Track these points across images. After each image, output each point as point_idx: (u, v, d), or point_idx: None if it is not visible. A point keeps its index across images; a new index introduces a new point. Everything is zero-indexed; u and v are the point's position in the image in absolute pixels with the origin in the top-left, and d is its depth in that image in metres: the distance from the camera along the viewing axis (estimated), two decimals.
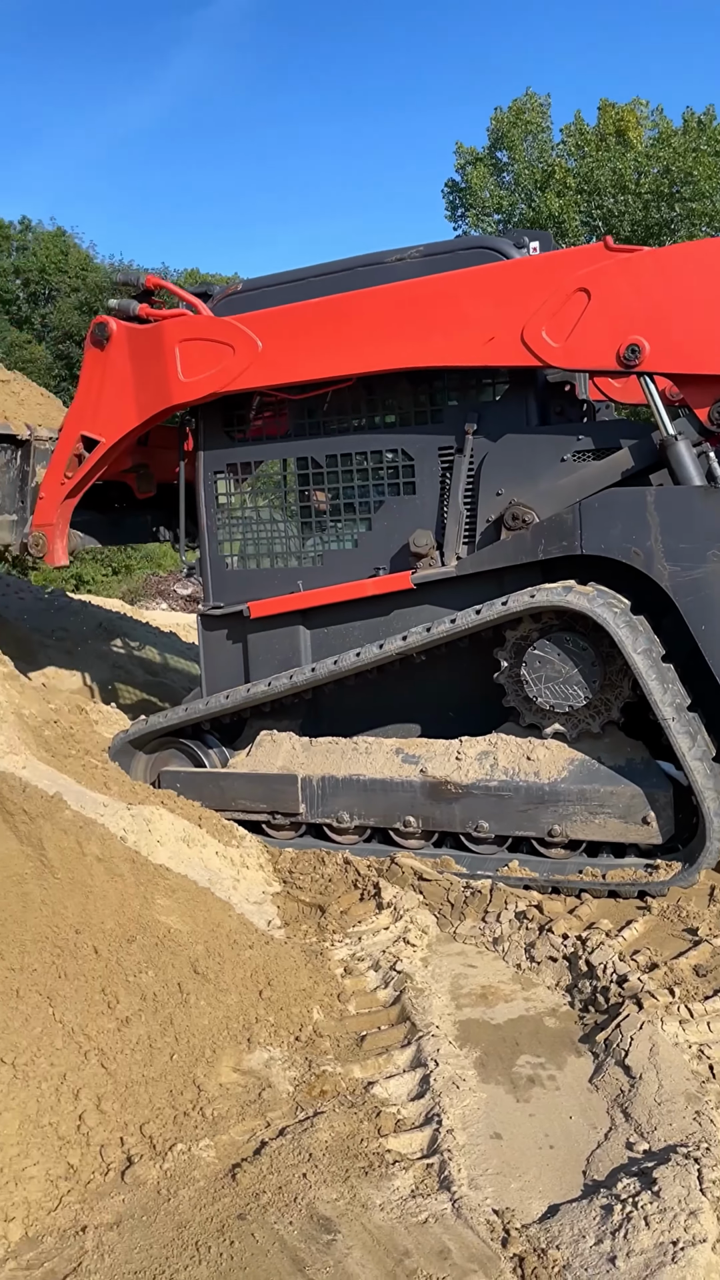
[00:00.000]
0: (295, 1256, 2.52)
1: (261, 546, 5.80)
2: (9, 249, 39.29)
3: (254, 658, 5.68)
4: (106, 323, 5.62)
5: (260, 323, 5.28)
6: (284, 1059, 3.39)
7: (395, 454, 5.36)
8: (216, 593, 5.83)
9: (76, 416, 5.78)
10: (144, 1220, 2.66)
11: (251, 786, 5.43)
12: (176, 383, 5.44)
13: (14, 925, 3.34)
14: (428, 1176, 2.80)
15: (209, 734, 5.89)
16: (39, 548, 5.96)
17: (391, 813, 5.09)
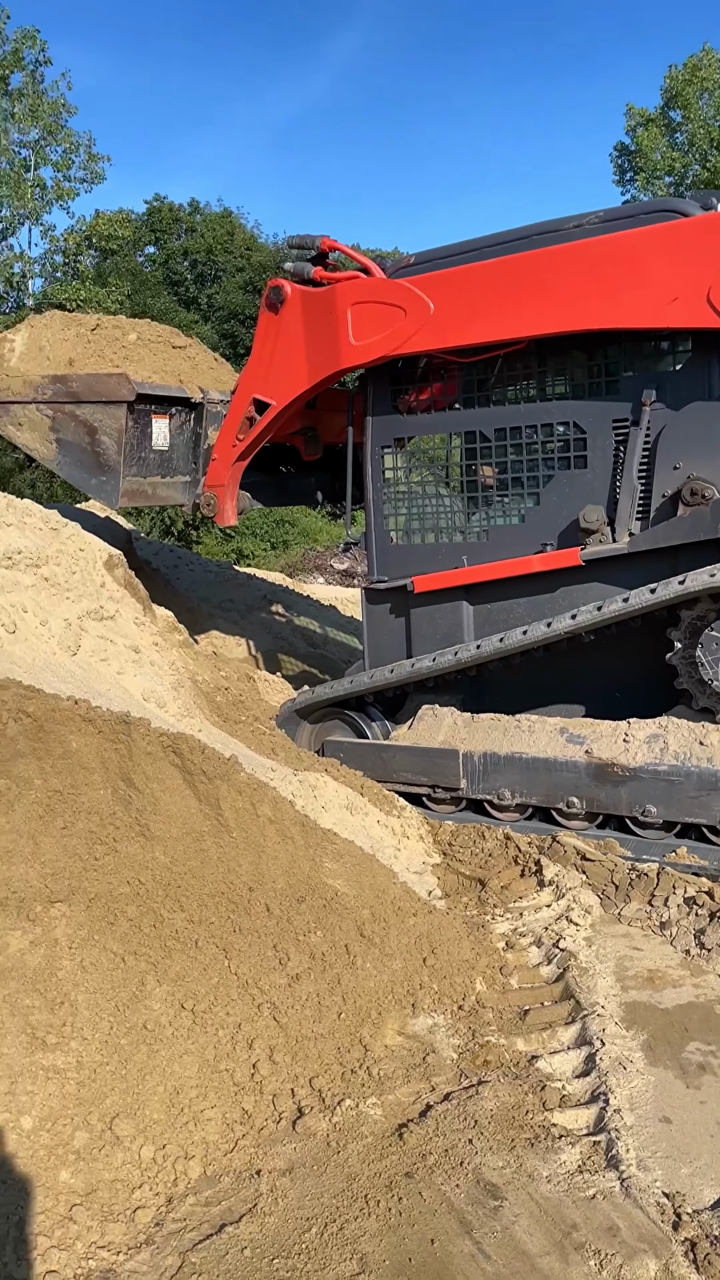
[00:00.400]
0: (462, 1218, 2.55)
1: (426, 521, 5.80)
2: (178, 231, 40.38)
3: (416, 632, 5.70)
4: (281, 286, 5.68)
5: (432, 284, 5.24)
6: (447, 1026, 3.43)
7: (566, 426, 5.25)
8: (381, 567, 5.86)
9: (249, 380, 5.88)
10: (315, 1169, 2.74)
11: (413, 760, 5.47)
12: (347, 346, 5.46)
13: (193, 880, 3.48)
14: (594, 1153, 2.78)
15: (372, 706, 5.96)
16: (210, 507, 6.12)
17: (554, 792, 5.04)
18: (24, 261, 23.57)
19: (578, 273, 4.86)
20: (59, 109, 22.77)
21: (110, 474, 5.75)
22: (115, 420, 5.74)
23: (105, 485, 5.77)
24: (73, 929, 3.03)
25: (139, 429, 5.87)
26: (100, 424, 5.78)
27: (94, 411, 5.79)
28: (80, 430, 5.83)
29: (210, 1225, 2.54)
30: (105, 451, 5.77)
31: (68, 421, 5.85)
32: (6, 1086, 2.67)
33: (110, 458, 5.75)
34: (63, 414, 5.88)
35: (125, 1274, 2.40)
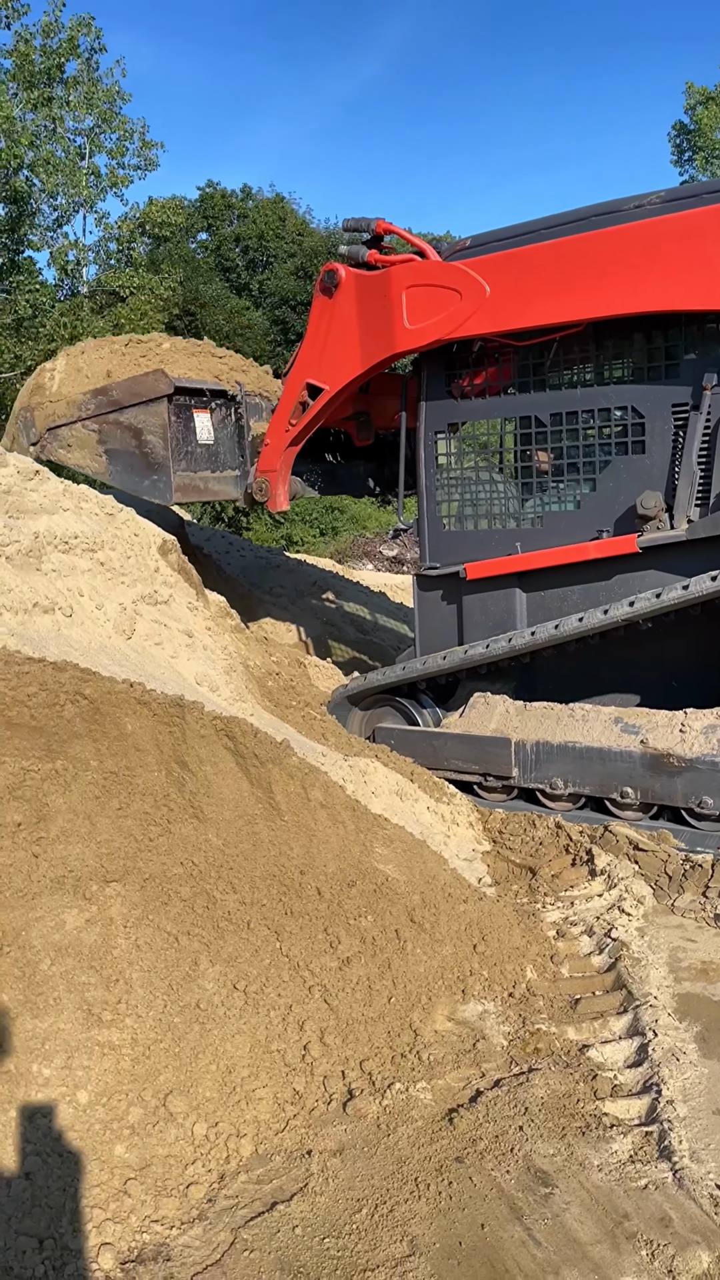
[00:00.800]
0: (513, 1204, 2.55)
1: (480, 507, 5.74)
2: (230, 217, 40.46)
3: (468, 619, 5.67)
4: (336, 269, 5.65)
5: (488, 267, 5.18)
6: (498, 1013, 3.43)
7: (625, 411, 5.17)
8: (433, 553, 5.83)
9: (302, 364, 5.86)
10: (365, 1151, 2.76)
11: (464, 747, 5.44)
12: (401, 329, 5.42)
13: (245, 862, 3.51)
14: (646, 1144, 2.76)
15: (423, 693, 5.94)
16: (263, 492, 6.13)
17: (608, 782, 4.99)
18: (78, 249, 23.75)
19: (638, 254, 4.78)
20: (113, 96, 22.88)
21: (161, 471, 5.82)
22: (158, 417, 5.81)
23: (158, 484, 5.84)
24: (127, 908, 3.07)
25: (182, 423, 5.92)
26: (144, 424, 5.87)
27: (137, 414, 5.88)
28: (126, 436, 5.91)
29: (262, 1203, 2.57)
30: (153, 450, 5.85)
31: (113, 430, 5.93)
32: (63, 1061, 2.71)
33: (158, 455, 5.83)
34: (108, 424, 5.97)
35: (179, 1248, 2.44)
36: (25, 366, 21.12)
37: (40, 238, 23.11)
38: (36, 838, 3.13)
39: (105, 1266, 2.37)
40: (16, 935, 2.90)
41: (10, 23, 21.08)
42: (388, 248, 5.80)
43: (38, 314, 21.34)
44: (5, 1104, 2.60)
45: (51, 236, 23.46)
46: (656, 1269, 2.34)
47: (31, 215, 22.29)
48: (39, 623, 4.09)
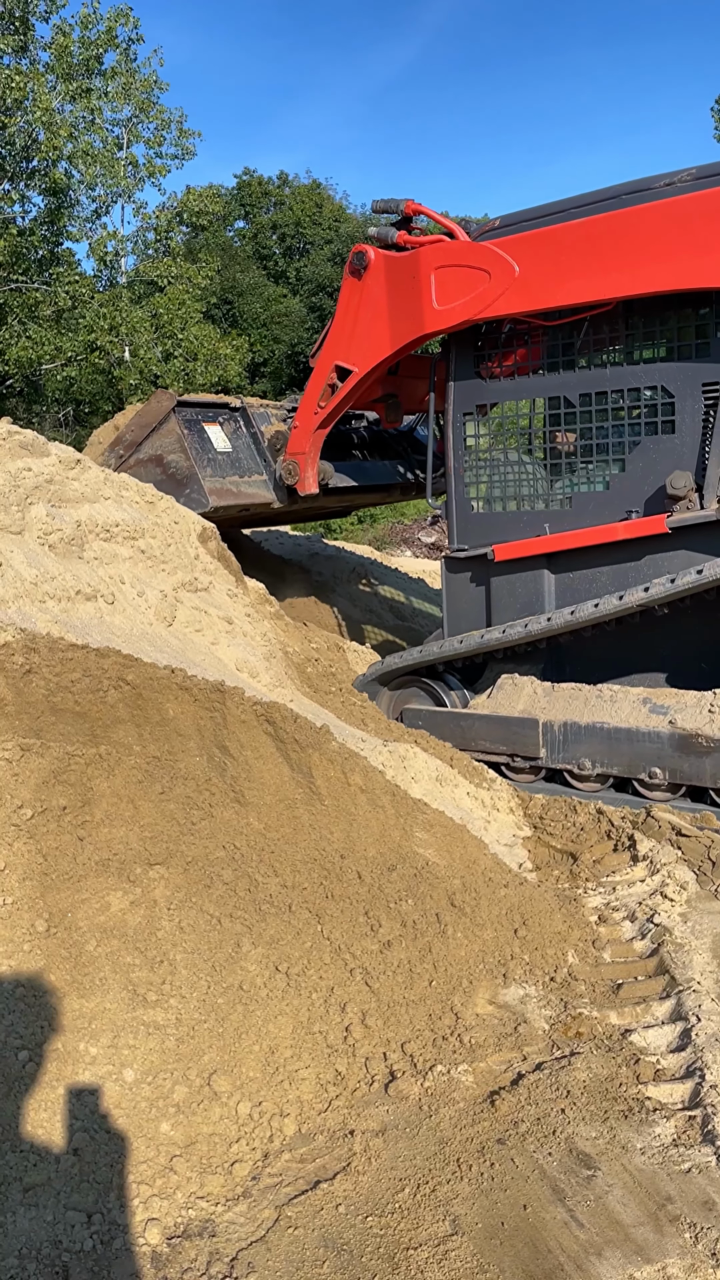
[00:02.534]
0: (555, 1186, 2.56)
1: (508, 489, 5.72)
2: (267, 205, 40.45)
3: (496, 601, 5.67)
4: (365, 251, 5.64)
5: (517, 247, 5.16)
6: (539, 997, 3.43)
7: (655, 391, 5.12)
8: (461, 535, 5.82)
9: (331, 346, 5.88)
10: (407, 1132, 2.78)
11: (492, 728, 5.45)
12: (430, 310, 5.41)
13: (286, 846, 3.54)
14: (690, 1128, 2.75)
15: (450, 674, 5.94)
16: (291, 475, 6.16)
17: (636, 763, 4.97)
18: (117, 240, 23.88)
19: (669, 231, 4.72)
20: (151, 86, 22.95)
21: (191, 482, 5.94)
22: (172, 435, 5.97)
23: (192, 494, 5.94)
24: (171, 890, 3.11)
25: (195, 435, 6.05)
26: (163, 448, 6.03)
27: (153, 442, 6.05)
28: (151, 468, 6.05)
29: (305, 1181, 2.60)
30: (178, 467, 5.98)
31: (138, 472, 6.06)
32: (109, 1040, 2.76)
33: (184, 469, 5.96)
34: (131, 469, 6.10)
35: (223, 1224, 2.47)
36: (65, 358, 21.34)
37: (79, 229, 23.27)
38: (81, 821, 3.18)
39: (152, 1241, 2.41)
40: (63, 917, 2.95)
41: (49, 15, 21.21)
42: (417, 229, 5.79)
43: (77, 305, 21.52)
44: (54, 1082, 2.65)
45: (90, 227, 23.62)
46: (700, 1251, 2.34)
47: (70, 207, 22.45)
48: (82, 610, 4.14)
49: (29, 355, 20.90)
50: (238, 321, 33.11)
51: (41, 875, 3.00)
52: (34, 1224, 2.38)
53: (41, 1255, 2.33)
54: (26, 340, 20.93)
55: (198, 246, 28.77)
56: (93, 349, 21.73)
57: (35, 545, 4.29)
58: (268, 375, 34.31)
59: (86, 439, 7.24)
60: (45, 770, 3.21)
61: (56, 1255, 2.34)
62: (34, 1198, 2.42)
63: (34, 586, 4.03)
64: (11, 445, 4.61)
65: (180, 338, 22.63)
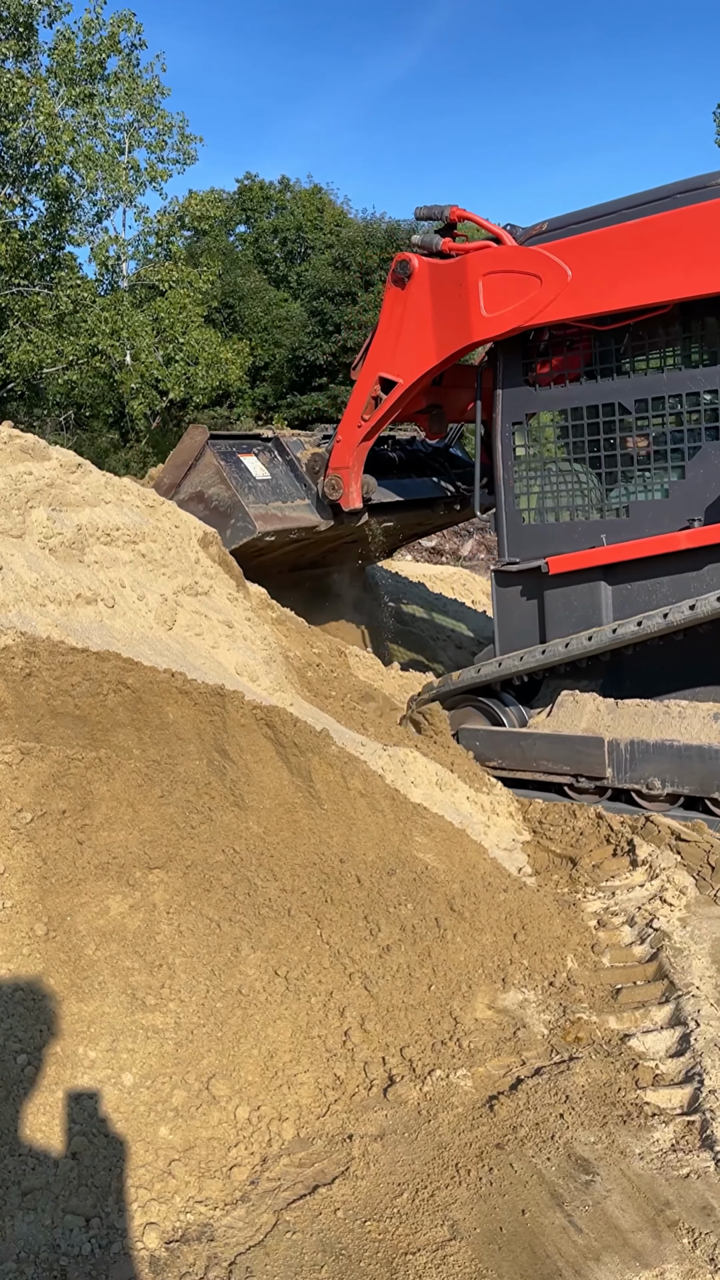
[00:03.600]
0: (554, 1191, 2.56)
1: (561, 499, 5.54)
2: (268, 209, 40.51)
3: (551, 615, 5.47)
4: (409, 259, 5.50)
5: (569, 250, 5.02)
6: (538, 1002, 3.43)
7: (715, 395, 4.98)
8: (512, 548, 5.62)
9: (374, 358, 5.73)
10: (406, 1136, 2.78)
11: (554, 748, 5.24)
12: (478, 318, 5.27)
13: (285, 850, 3.54)
14: (689, 1133, 2.75)
15: (505, 692, 5.73)
16: (335, 490, 6.05)
17: (710, 781, 4.81)
18: (118, 244, 23.92)
19: None
20: (153, 91, 23.00)
21: (235, 511, 5.86)
22: (210, 468, 5.91)
23: (238, 524, 5.86)
24: (170, 894, 3.11)
25: (232, 465, 5.99)
26: (202, 483, 5.96)
27: (192, 480, 5.98)
28: (194, 505, 5.95)
29: (304, 1185, 2.60)
30: (220, 499, 5.90)
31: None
32: (108, 1044, 2.76)
33: (227, 499, 5.88)
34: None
35: (222, 1229, 2.47)
36: (66, 361, 21.37)
37: (80, 233, 23.30)
38: (81, 825, 3.18)
39: (150, 1245, 2.41)
40: (62, 920, 2.95)
41: (52, 21, 21.25)
42: (461, 235, 5.64)
43: (78, 309, 21.54)
44: (53, 1085, 2.65)
45: (91, 232, 23.65)
46: (698, 1257, 2.34)
47: (72, 211, 22.48)
48: (82, 613, 4.14)
49: (30, 359, 20.92)
50: (239, 326, 33.15)
51: (41, 879, 3.00)
52: (32, 1228, 2.38)
53: (40, 1259, 2.33)
54: (28, 344, 20.95)
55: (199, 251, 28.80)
56: (94, 353, 21.76)
57: (36, 549, 4.30)
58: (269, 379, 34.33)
59: (88, 443, 7.25)
60: (45, 774, 3.21)
61: (55, 1259, 2.33)
62: (32, 1201, 2.42)
63: (34, 590, 4.03)
64: (12, 449, 4.62)
65: (181, 342, 22.66)
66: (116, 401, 24.53)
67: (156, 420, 26.18)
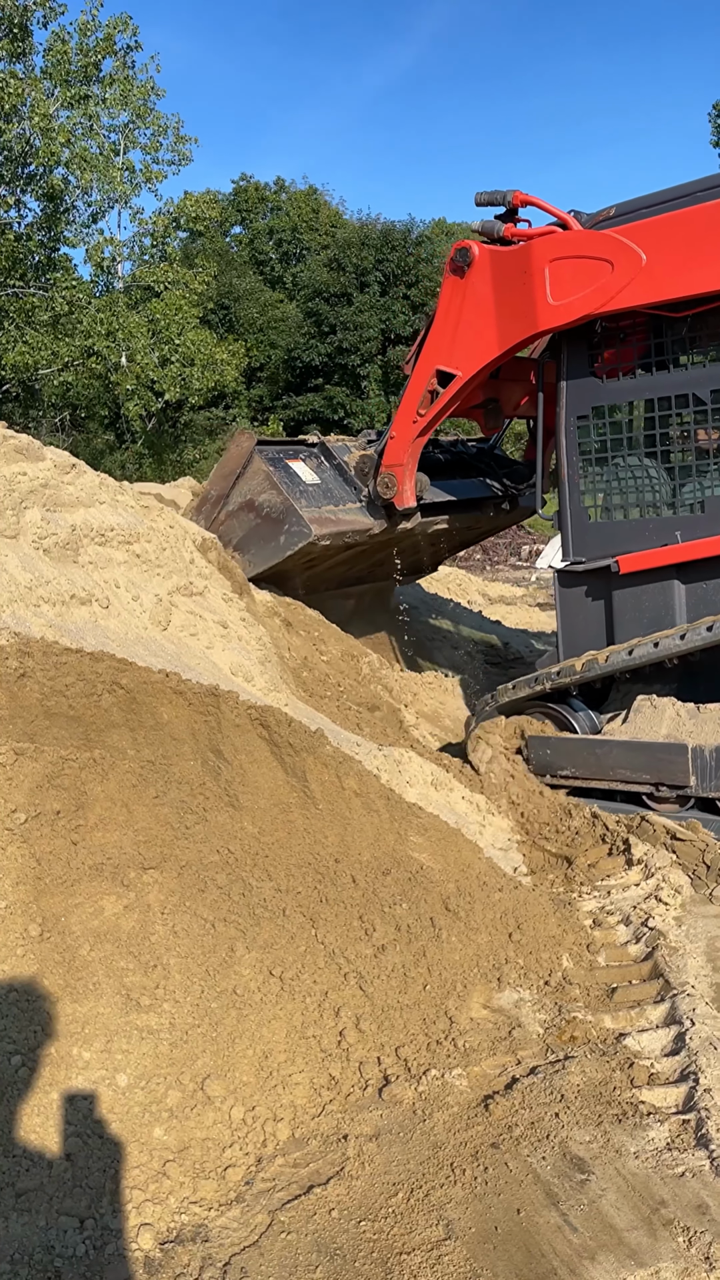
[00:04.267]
0: (549, 1190, 2.56)
1: (629, 496, 5.31)
2: (264, 210, 40.53)
3: (620, 616, 5.25)
4: (469, 247, 5.28)
5: (644, 234, 4.81)
6: (533, 1001, 3.42)
7: None
8: (577, 547, 5.40)
9: (431, 350, 5.54)
10: (401, 1136, 2.78)
11: (633, 756, 5.00)
12: (545, 306, 5.05)
13: (280, 850, 3.54)
14: (684, 1131, 2.75)
15: (575, 698, 5.49)
16: (389, 488, 5.87)
17: None
18: (113, 245, 23.92)
19: None
20: (148, 92, 23.00)
21: (289, 516, 5.68)
22: (259, 474, 5.74)
23: (292, 529, 5.68)
24: (165, 895, 3.11)
25: (281, 471, 5.83)
26: (252, 490, 5.78)
27: (240, 488, 5.80)
28: (244, 515, 5.81)
29: (299, 1186, 2.59)
30: (272, 504, 5.73)
31: (230, 524, 5.85)
32: (103, 1045, 2.75)
33: (278, 504, 5.71)
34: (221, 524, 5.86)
35: (217, 1229, 2.47)
36: (62, 363, 21.36)
37: (76, 234, 23.30)
38: (75, 826, 3.18)
39: (145, 1246, 2.40)
40: (57, 921, 2.94)
41: (47, 22, 21.25)
42: (524, 221, 5.43)
43: (74, 310, 21.54)
44: (47, 1087, 2.65)
45: (87, 233, 23.65)
46: (693, 1255, 2.34)
47: (67, 212, 22.48)
48: (76, 614, 4.14)
49: (26, 360, 20.91)
50: (234, 326, 33.17)
51: (35, 880, 2.99)
52: (27, 1229, 2.37)
53: (34, 1261, 2.32)
54: (23, 345, 20.94)
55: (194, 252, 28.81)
56: (89, 354, 21.75)
57: (30, 549, 4.29)
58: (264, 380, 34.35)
59: (83, 444, 7.15)
60: (39, 774, 3.20)
61: (49, 1261, 2.33)
62: (27, 1203, 2.42)
63: (29, 591, 4.03)
64: (6, 450, 4.62)
65: (177, 343, 22.66)
66: (112, 403, 24.53)
67: (152, 421, 26.18)
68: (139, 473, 23.48)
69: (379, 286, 31.14)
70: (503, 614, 10.65)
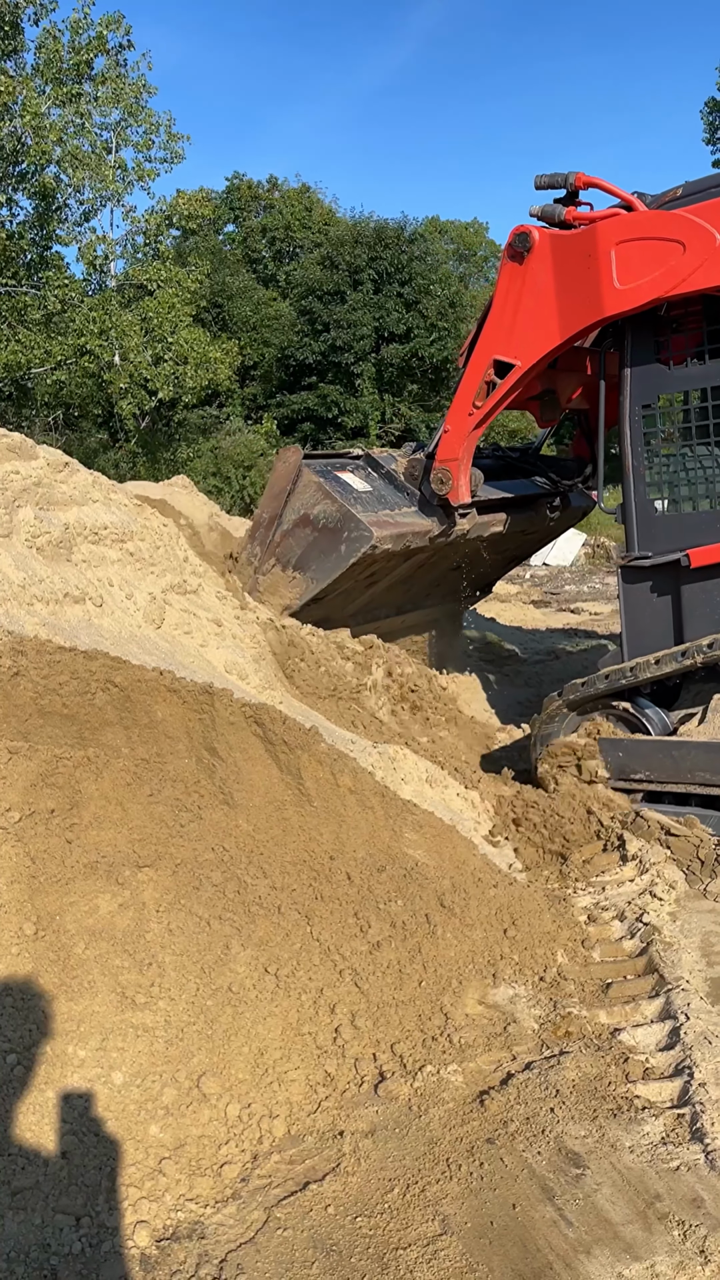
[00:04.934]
0: (544, 1185, 2.56)
1: (699, 487, 5.18)
2: (257, 208, 40.47)
3: (690, 612, 5.07)
4: (528, 232, 5.11)
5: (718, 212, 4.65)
6: (528, 997, 3.43)
7: None
8: (643, 541, 5.24)
9: (488, 340, 5.39)
10: (397, 1132, 2.78)
11: (713, 758, 4.82)
12: (610, 291, 4.89)
13: (275, 848, 3.54)
14: (679, 1126, 2.76)
15: (642, 696, 5.35)
16: (444, 484, 5.74)
17: None
18: (106, 244, 23.87)
19: None
20: (139, 90, 22.94)
21: (347, 521, 5.53)
22: (311, 487, 5.62)
23: (352, 536, 5.52)
24: (160, 893, 3.11)
25: (333, 481, 5.72)
26: (306, 504, 5.64)
27: (294, 505, 5.66)
28: (302, 531, 5.66)
29: (295, 1182, 2.60)
30: (329, 514, 5.59)
31: (290, 541, 5.71)
32: (98, 1043, 2.75)
33: (335, 513, 5.57)
34: (278, 546, 5.74)
35: (213, 1226, 2.47)
36: (54, 362, 21.33)
37: (68, 233, 23.25)
38: (69, 824, 3.17)
39: (141, 1244, 2.41)
40: (51, 920, 2.94)
41: (39, 19, 21.19)
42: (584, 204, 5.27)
43: (66, 309, 21.50)
44: (43, 1085, 2.65)
45: (79, 231, 23.59)
46: (688, 1249, 2.34)
47: (59, 210, 22.43)
48: (70, 612, 4.13)
49: (18, 359, 20.87)
50: (227, 325, 33.11)
51: (30, 878, 2.99)
52: (22, 1227, 2.37)
53: (30, 1259, 2.32)
54: (16, 344, 20.90)
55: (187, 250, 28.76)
56: (82, 353, 21.70)
57: (23, 548, 4.29)
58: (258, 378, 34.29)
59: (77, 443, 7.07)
60: (33, 773, 3.20)
61: (45, 1259, 2.33)
62: (22, 1201, 2.42)
63: (22, 589, 4.02)
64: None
65: (170, 341, 22.61)
66: (105, 402, 24.47)
67: (145, 420, 26.14)
68: (133, 471, 23.45)
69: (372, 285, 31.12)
70: (497, 611, 10.67)
